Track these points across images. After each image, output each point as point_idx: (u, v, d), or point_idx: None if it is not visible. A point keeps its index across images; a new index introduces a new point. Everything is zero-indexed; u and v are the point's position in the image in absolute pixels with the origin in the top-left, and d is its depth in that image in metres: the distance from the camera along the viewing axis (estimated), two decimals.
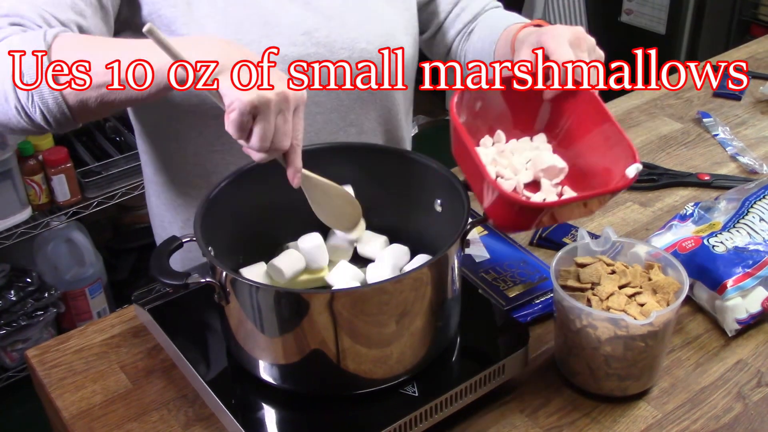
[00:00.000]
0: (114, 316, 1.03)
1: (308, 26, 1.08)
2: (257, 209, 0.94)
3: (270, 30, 1.06)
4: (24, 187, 1.99)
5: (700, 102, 1.51)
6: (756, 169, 1.29)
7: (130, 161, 2.14)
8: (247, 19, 1.05)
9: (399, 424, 0.81)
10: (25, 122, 0.86)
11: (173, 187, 1.17)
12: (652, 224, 1.18)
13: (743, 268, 0.98)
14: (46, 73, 0.83)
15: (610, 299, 0.88)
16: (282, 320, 0.80)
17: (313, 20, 1.09)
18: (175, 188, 1.17)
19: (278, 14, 1.07)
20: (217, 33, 1.04)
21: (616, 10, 2.81)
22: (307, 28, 1.08)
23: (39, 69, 0.83)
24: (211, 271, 0.81)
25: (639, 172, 0.83)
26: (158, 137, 1.15)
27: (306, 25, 1.08)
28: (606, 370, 0.88)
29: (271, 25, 1.06)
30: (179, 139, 1.11)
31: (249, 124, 0.79)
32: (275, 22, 1.07)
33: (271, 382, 0.85)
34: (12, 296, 2.04)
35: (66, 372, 0.95)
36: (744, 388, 0.92)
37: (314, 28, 1.09)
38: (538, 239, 1.15)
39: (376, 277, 0.91)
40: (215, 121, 0.82)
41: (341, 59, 1.10)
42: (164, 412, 0.90)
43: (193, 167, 1.12)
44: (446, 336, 0.88)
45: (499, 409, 0.90)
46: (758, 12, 2.64)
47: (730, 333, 0.98)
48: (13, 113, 0.85)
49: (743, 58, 1.67)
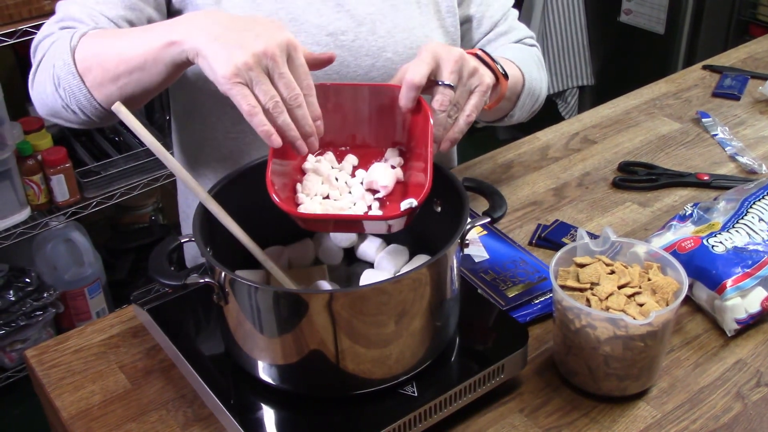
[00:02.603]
0: (113, 317, 1.03)
1: (335, 28, 1.09)
2: (257, 209, 0.94)
3: (296, 27, 1.07)
4: (23, 187, 1.99)
5: (699, 102, 1.51)
6: (755, 169, 1.29)
7: (129, 161, 2.14)
8: (274, 14, 1.06)
9: (398, 424, 0.81)
10: (74, 118, 0.97)
11: (195, 173, 1.19)
12: (651, 224, 1.18)
13: (742, 268, 0.98)
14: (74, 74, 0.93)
15: (610, 299, 0.88)
16: (281, 321, 0.80)
17: (343, 23, 1.09)
18: (197, 173, 1.19)
19: (307, 12, 1.08)
20: None
21: (615, 10, 2.81)
22: (334, 30, 1.09)
23: (68, 72, 0.93)
24: (210, 271, 0.81)
25: (413, 208, 0.83)
26: (188, 120, 1.18)
27: (333, 27, 1.09)
28: (605, 370, 0.88)
29: (298, 22, 1.07)
30: (204, 123, 1.14)
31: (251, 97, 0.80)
32: (303, 19, 1.07)
33: (270, 383, 0.85)
34: (11, 296, 2.04)
35: (65, 372, 0.95)
36: (743, 388, 0.92)
37: (341, 31, 1.09)
38: (537, 239, 1.15)
39: (375, 278, 0.91)
40: (233, 109, 0.83)
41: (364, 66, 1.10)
42: (163, 412, 0.90)
43: (212, 151, 1.15)
44: (445, 336, 0.88)
45: (498, 409, 0.90)
46: (757, 12, 2.64)
47: (730, 333, 0.98)
48: (63, 112, 0.97)
49: (742, 58, 1.67)
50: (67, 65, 0.93)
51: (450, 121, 0.93)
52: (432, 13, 1.17)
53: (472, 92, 0.93)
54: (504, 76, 1.02)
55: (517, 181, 1.29)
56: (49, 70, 0.96)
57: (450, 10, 1.18)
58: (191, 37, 0.84)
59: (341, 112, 0.93)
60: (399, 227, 0.87)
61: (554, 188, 1.27)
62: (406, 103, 0.89)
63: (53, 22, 1.02)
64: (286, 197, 0.87)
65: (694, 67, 1.65)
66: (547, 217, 1.20)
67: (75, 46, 0.93)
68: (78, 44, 0.94)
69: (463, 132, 0.94)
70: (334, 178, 0.92)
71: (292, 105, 0.82)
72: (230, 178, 0.92)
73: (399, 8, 1.14)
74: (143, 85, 0.91)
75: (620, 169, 1.31)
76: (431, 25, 1.16)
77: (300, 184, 0.90)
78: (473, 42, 1.24)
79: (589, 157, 1.35)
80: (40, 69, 0.99)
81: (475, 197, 0.97)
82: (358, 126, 0.94)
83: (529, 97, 1.16)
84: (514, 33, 1.24)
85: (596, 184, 1.28)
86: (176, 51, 0.85)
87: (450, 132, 0.93)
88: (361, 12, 1.11)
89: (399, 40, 1.12)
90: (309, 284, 0.93)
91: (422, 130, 0.90)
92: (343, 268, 1.00)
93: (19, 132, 1.98)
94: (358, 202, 0.90)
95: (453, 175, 0.91)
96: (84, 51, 0.93)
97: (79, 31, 0.95)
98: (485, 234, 1.13)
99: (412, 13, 1.15)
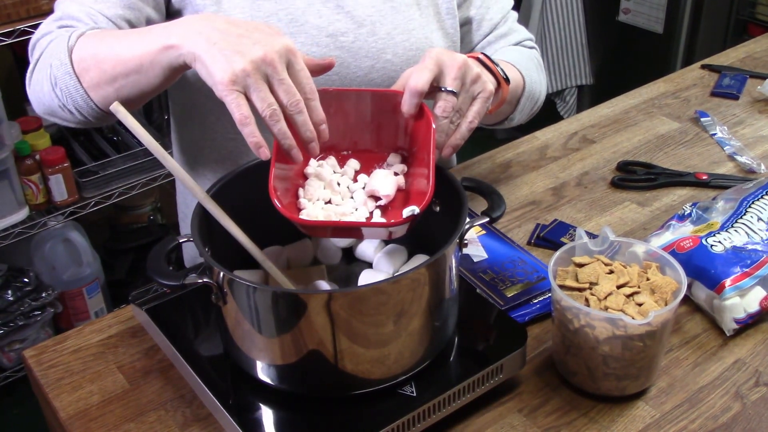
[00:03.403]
0: (111, 317, 1.03)
1: (335, 29, 1.08)
2: (255, 209, 0.94)
3: (295, 28, 1.07)
4: (21, 187, 1.99)
5: (698, 101, 1.51)
6: (754, 168, 1.29)
7: (127, 161, 2.14)
8: (274, 14, 1.06)
9: (397, 424, 0.81)
10: (71, 117, 0.96)
11: (194, 173, 1.19)
12: (650, 224, 1.18)
13: (741, 268, 0.98)
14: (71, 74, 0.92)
15: (608, 299, 0.88)
16: (279, 321, 0.80)
17: (342, 24, 1.09)
18: (196, 173, 1.19)
19: (307, 13, 1.08)
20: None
21: (614, 10, 2.82)
22: (334, 31, 1.08)
23: (65, 72, 0.92)
24: (209, 271, 0.81)
25: (415, 215, 0.83)
26: (187, 121, 1.18)
27: (333, 28, 1.08)
28: (604, 370, 0.88)
29: (298, 23, 1.07)
30: (203, 124, 1.14)
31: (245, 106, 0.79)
32: (302, 20, 1.07)
33: (269, 383, 0.84)
34: (9, 296, 2.04)
35: (63, 372, 0.95)
36: (742, 388, 0.92)
37: (341, 32, 1.09)
38: (536, 239, 1.14)
39: (374, 278, 0.91)
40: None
41: (363, 67, 1.10)
42: (162, 412, 0.90)
43: (211, 151, 1.15)
44: (444, 336, 0.88)
45: (497, 409, 0.90)
46: (756, 11, 2.64)
47: (728, 332, 0.98)
48: (60, 111, 0.96)
49: (741, 58, 1.67)
50: (64, 65, 0.93)
51: (452, 127, 0.92)
52: (432, 15, 1.17)
53: (474, 98, 0.93)
54: (505, 80, 1.02)
55: (515, 181, 1.29)
56: (46, 69, 0.95)
57: (450, 12, 1.18)
58: (189, 42, 0.83)
59: (343, 117, 0.92)
60: (401, 233, 0.87)
61: (553, 188, 1.27)
62: (408, 109, 0.89)
63: (51, 20, 1.01)
64: (288, 202, 0.87)
65: (693, 66, 1.65)
66: (545, 216, 1.20)
67: (72, 46, 0.93)
68: (75, 44, 0.93)
69: (465, 138, 0.94)
70: (336, 183, 0.92)
71: (293, 111, 0.81)
72: (229, 177, 0.92)
73: (399, 10, 1.13)
74: (140, 88, 0.90)
75: (619, 168, 1.31)
76: (431, 26, 1.16)
77: (302, 189, 0.90)
78: (473, 44, 1.24)
79: (587, 156, 1.35)
80: (37, 68, 0.99)
81: (473, 197, 0.97)
82: (360, 131, 0.94)
83: (529, 100, 1.16)
84: (514, 35, 1.24)
85: (595, 184, 1.28)
86: (173, 55, 0.85)
87: (452, 138, 0.92)
88: (361, 13, 1.11)
89: (399, 42, 1.12)
90: (308, 284, 0.93)
91: (425, 136, 0.89)
92: (342, 268, 1.00)
93: (17, 132, 1.98)
94: (360, 207, 0.89)
95: (452, 174, 0.91)
96: (81, 51, 0.93)
97: (77, 30, 0.95)
98: (484, 234, 1.13)
99: (413, 14, 1.14)
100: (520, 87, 1.13)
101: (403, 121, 0.92)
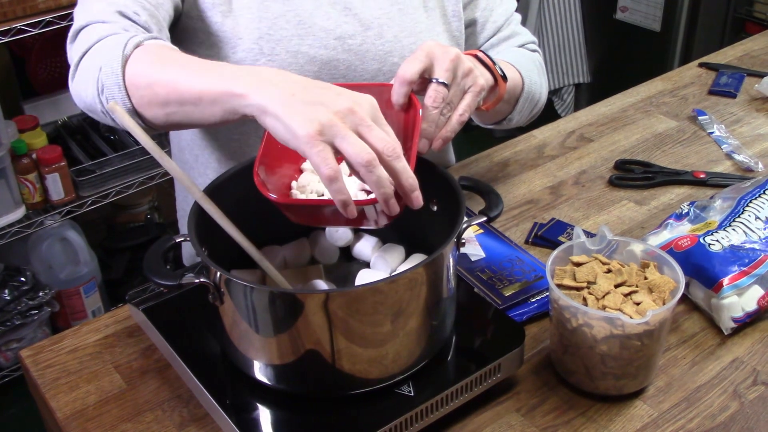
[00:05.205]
0: (108, 316, 1.03)
1: (343, 32, 1.08)
2: (253, 208, 0.93)
3: (303, 30, 1.06)
4: (18, 186, 1.98)
5: (696, 100, 1.51)
6: (751, 167, 1.29)
7: (124, 160, 2.14)
8: (282, 16, 1.06)
9: (395, 423, 0.81)
10: (113, 124, 0.92)
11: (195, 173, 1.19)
12: (648, 222, 1.18)
13: (739, 267, 0.97)
14: (120, 87, 0.86)
15: (606, 298, 0.88)
16: (276, 320, 0.80)
17: (350, 27, 1.09)
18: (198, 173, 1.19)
19: (315, 16, 1.07)
20: (250, 25, 1.04)
21: (611, 8, 2.81)
22: (341, 34, 1.08)
23: (114, 82, 0.87)
24: (205, 271, 0.81)
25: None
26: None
27: (341, 30, 1.08)
28: (602, 369, 0.88)
29: (305, 25, 1.07)
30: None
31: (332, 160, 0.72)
32: (310, 22, 1.07)
33: (266, 383, 0.84)
34: (6, 295, 2.03)
35: (60, 372, 0.95)
36: (740, 387, 0.92)
37: (349, 35, 1.08)
38: (533, 238, 1.14)
39: (371, 277, 0.91)
40: None
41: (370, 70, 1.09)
42: (159, 412, 0.89)
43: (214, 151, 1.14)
44: (442, 335, 0.88)
45: (494, 409, 0.90)
46: (753, 9, 2.64)
47: (726, 331, 0.98)
48: (102, 116, 0.92)
49: (738, 56, 1.67)
50: (115, 75, 0.86)
51: (443, 120, 0.92)
52: (439, 18, 1.17)
53: (465, 92, 0.93)
54: (503, 78, 1.02)
55: (513, 180, 1.29)
56: (94, 70, 0.89)
57: (456, 15, 1.18)
58: (259, 93, 0.75)
59: None
60: (384, 222, 0.83)
61: (550, 186, 1.27)
62: (397, 98, 0.89)
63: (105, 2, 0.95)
64: (280, 194, 0.87)
65: (691, 64, 1.65)
66: (543, 215, 1.20)
67: (128, 57, 0.87)
68: (131, 55, 0.87)
69: (456, 131, 0.93)
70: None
71: (391, 156, 0.74)
72: (226, 176, 0.92)
73: (406, 12, 1.13)
74: (193, 119, 0.84)
75: (616, 167, 1.31)
76: (438, 29, 1.16)
77: (295, 181, 0.90)
78: (476, 45, 1.25)
79: (585, 155, 1.35)
80: (83, 66, 0.92)
81: (471, 196, 0.97)
82: None
83: (528, 101, 1.16)
84: (517, 38, 1.25)
85: (592, 183, 1.28)
86: (239, 104, 0.78)
87: (443, 131, 0.92)
88: (369, 16, 1.10)
89: (406, 45, 1.12)
90: (305, 284, 0.92)
91: (413, 127, 0.89)
92: (340, 267, 1.00)
93: (13, 131, 1.98)
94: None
95: (449, 174, 0.91)
96: (136, 66, 0.86)
97: (135, 38, 0.88)
98: (481, 233, 1.13)
99: (419, 17, 1.14)
100: (518, 87, 1.12)
101: (395, 114, 0.92)
